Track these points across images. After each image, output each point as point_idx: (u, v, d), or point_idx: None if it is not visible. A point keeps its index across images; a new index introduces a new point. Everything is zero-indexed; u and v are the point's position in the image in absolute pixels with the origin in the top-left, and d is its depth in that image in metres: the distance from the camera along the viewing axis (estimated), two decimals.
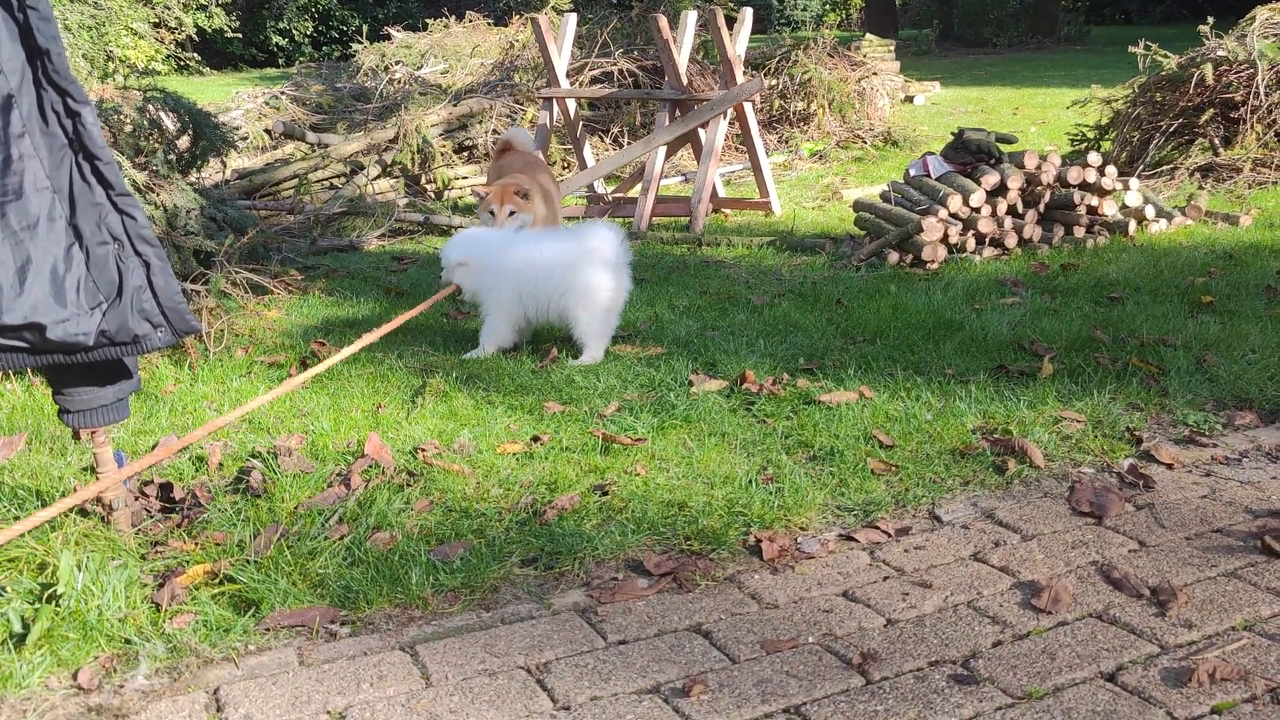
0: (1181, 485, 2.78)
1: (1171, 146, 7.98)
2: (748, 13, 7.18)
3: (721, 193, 7.56)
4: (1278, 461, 2.93)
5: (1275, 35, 7.84)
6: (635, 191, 7.79)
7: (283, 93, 10.39)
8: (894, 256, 5.50)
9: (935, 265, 5.43)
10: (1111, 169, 5.98)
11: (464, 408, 3.53)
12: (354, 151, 8.38)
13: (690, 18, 7.17)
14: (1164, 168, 7.78)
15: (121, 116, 5.75)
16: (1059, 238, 5.80)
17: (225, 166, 7.31)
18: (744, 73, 7.41)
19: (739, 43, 7.07)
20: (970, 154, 5.80)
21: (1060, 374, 3.56)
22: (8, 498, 2.83)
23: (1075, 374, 3.56)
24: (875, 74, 10.56)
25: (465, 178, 8.87)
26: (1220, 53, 7.87)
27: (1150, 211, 6.06)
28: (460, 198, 8.75)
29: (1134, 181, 6.07)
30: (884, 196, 6.02)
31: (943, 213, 5.54)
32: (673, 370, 3.84)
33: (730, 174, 9.15)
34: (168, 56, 27.55)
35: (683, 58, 7.05)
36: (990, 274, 5.27)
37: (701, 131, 7.04)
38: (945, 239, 5.53)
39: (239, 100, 18.79)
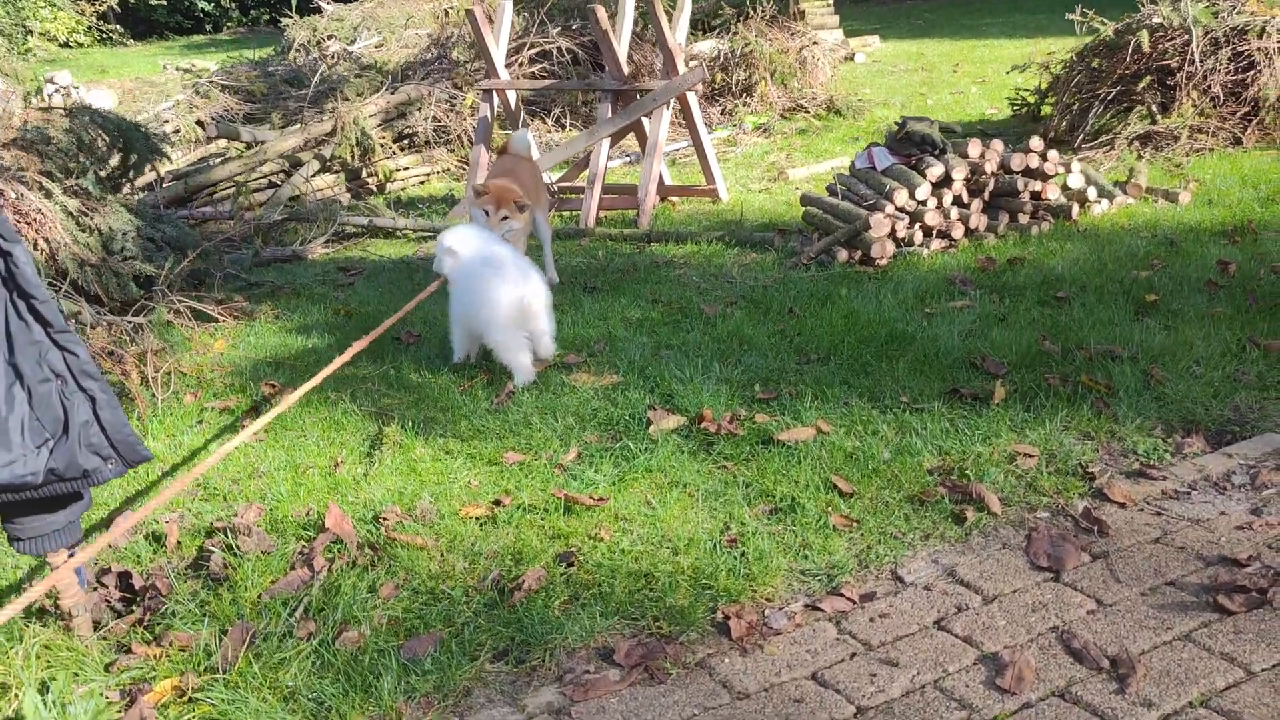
0: (1134, 527, 2.83)
1: (1110, 114, 8.04)
2: (685, 0, 7.10)
3: (667, 178, 7.51)
4: (1224, 493, 3.00)
5: (1209, 1, 7.89)
6: (581, 179, 7.72)
7: (212, 81, 10.12)
8: (843, 254, 5.52)
9: (884, 262, 5.46)
10: (1054, 154, 6.03)
11: (423, 460, 3.51)
12: (291, 147, 8.21)
13: (628, 5, 7.06)
14: (1104, 137, 7.84)
15: (49, 142, 5.57)
16: (1004, 226, 5.84)
17: (158, 171, 7.12)
18: (685, 60, 7.34)
19: (679, 30, 6.98)
20: (915, 145, 5.81)
21: (1012, 398, 3.61)
22: None
23: (1026, 397, 3.61)
24: (815, 43, 10.50)
25: (407, 168, 8.74)
26: (1155, 19, 7.92)
27: (1092, 193, 6.12)
28: (403, 190, 8.63)
29: (1075, 164, 6.11)
30: (830, 190, 6.02)
31: (889, 208, 5.56)
32: (629, 404, 3.83)
33: (674, 152, 9.09)
34: (89, 28, 26.79)
35: (622, 47, 6.96)
36: (939, 270, 5.30)
37: (645, 121, 6.98)
38: (893, 234, 5.56)
39: (169, 80, 18.34)
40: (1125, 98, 7.99)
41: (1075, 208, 5.98)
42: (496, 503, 3.13)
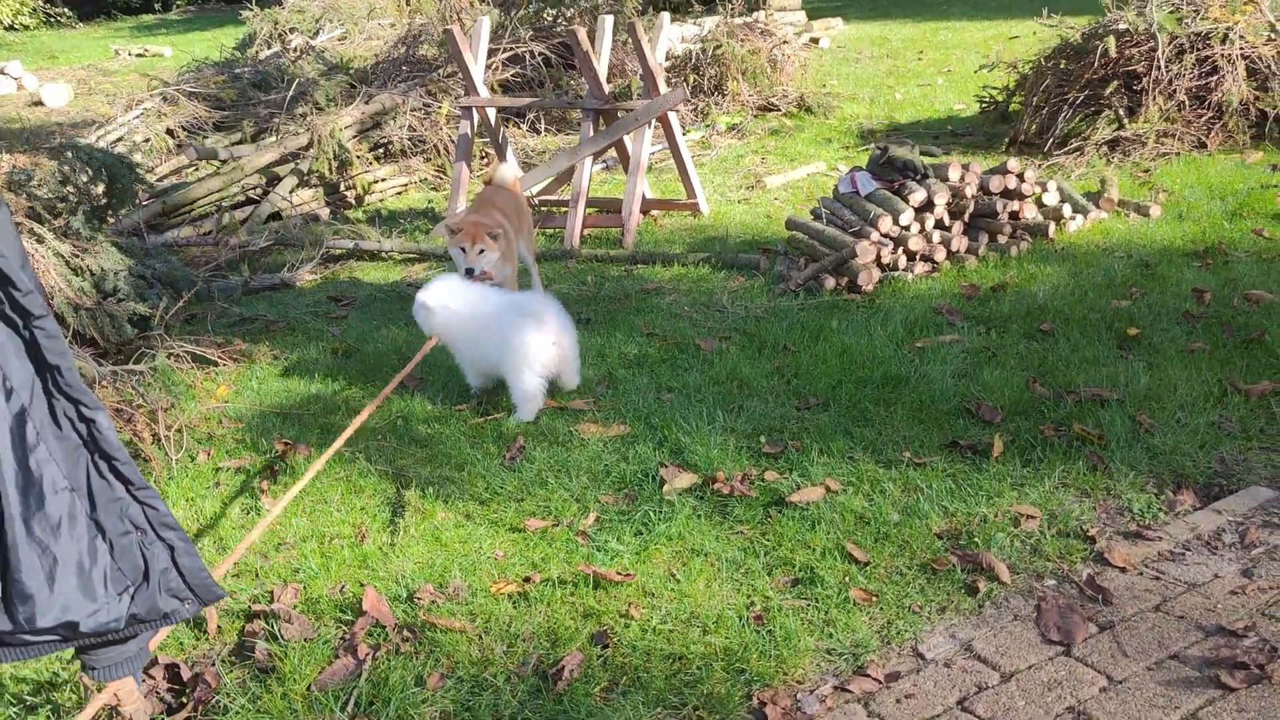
0: (1135, 593, 3.01)
1: (1079, 118, 8.22)
2: (664, 19, 7.16)
3: (648, 192, 7.59)
4: (1216, 552, 3.19)
5: (1173, 7, 8.06)
6: (563, 193, 7.79)
7: (179, 89, 10.03)
8: (830, 282, 5.65)
9: (870, 288, 5.60)
10: (1031, 174, 6.19)
11: (446, 526, 3.61)
12: (268, 162, 8.20)
13: (607, 23, 7.11)
14: (1074, 142, 8.02)
15: (36, 184, 5.57)
16: (984, 247, 6.00)
17: (136, 195, 7.09)
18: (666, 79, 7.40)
19: (659, 50, 7.05)
20: (897, 170, 5.94)
21: (1010, 450, 3.77)
22: (10, 700, 2.86)
23: (1024, 450, 3.77)
24: (786, 42, 10.58)
25: (384, 179, 8.76)
26: (1122, 25, 8.09)
27: (1067, 209, 6.30)
28: (382, 202, 8.64)
29: (1051, 184, 6.28)
30: (815, 214, 6.15)
31: (875, 235, 5.69)
32: (640, 459, 3.96)
33: (650, 156, 9.15)
34: (34, 10, 26.23)
35: (602, 66, 7.01)
36: (924, 297, 5.46)
37: (627, 140, 7.06)
38: (878, 259, 5.70)
39: (124, 67, 18.03)
40: (1093, 102, 8.18)
41: (1052, 226, 6.15)
42: (526, 579, 3.25)
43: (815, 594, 3.09)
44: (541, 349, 4.34)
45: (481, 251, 5.06)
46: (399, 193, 8.81)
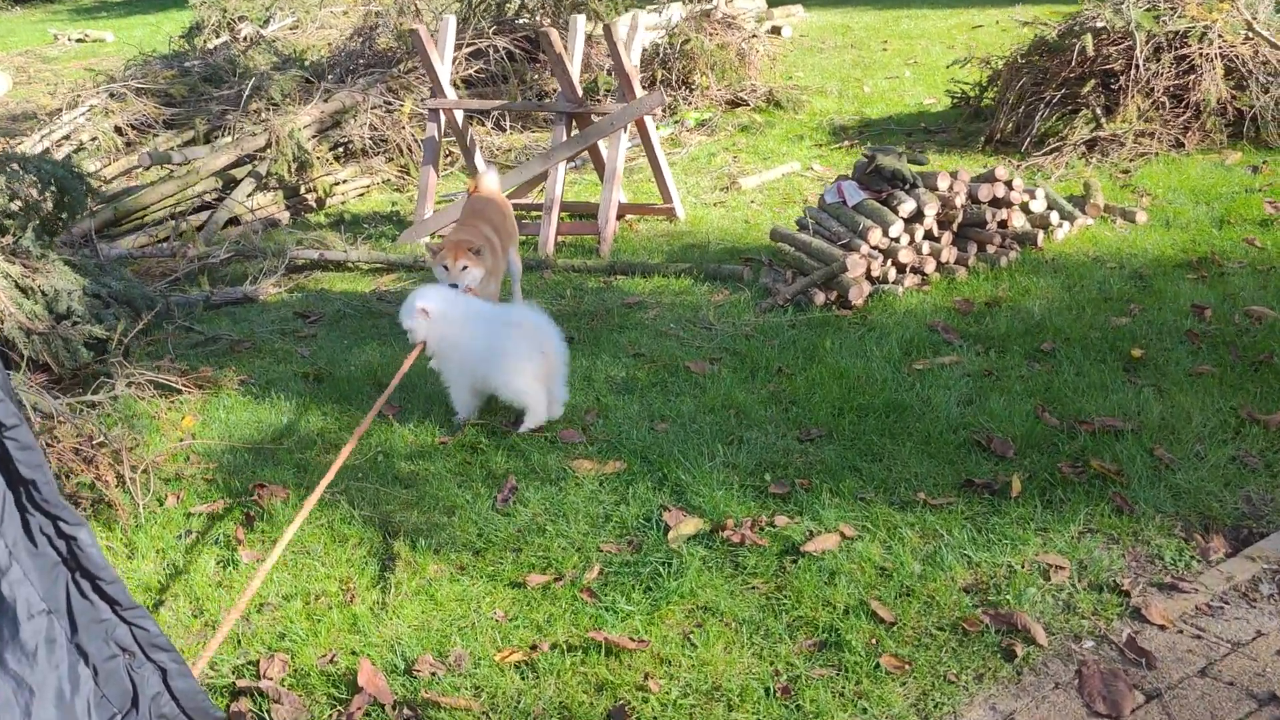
0: (1178, 655, 2.87)
1: (1056, 117, 8.11)
2: (638, 18, 6.92)
3: (622, 196, 7.36)
4: (1254, 605, 3.06)
5: (1150, 4, 7.96)
6: (534, 197, 7.54)
7: (126, 85, 9.61)
8: (820, 297, 5.48)
9: (860, 303, 5.43)
10: (1019, 182, 6.05)
11: (439, 582, 3.40)
12: (224, 165, 7.87)
13: (579, 24, 6.86)
14: (1051, 142, 7.91)
15: None
16: (974, 258, 5.85)
17: (88, 206, 6.75)
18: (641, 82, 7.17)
19: (633, 52, 6.81)
20: (885, 180, 5.77)
21: (1029, 490, 3.61)
22: None
23: (1043, 490, 3.62)
24: (755, 35, 10.37)
25: (345, 181, 8.45)
26: (1099, 23, 7.98)
27: (1054, 217, 6.17)
28: (344, 205, 8.34)
29: (1039, 191, 6.15)
30: (801, 224, 5.97)
31: (865, 247, 5.52)
32: (640, 501, 3.76)
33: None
34: None
35: (575, 67, 6.77)
36: (916, 313, 5.30)
37: (601, 144, 6.82)
38: (868, 272, 5.53)
39: (64, 54, 17.45)
40: (1070, 100, 8.07)
41: (1040, 234, 6.02)
42: (533, 646, 3.04)
43: (843, 661, 2.91)
44: (531, 357, 4.27)
45: (464, 269, 4.92)
46: (361, 195, 8.51)
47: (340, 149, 8.66)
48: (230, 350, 5.51)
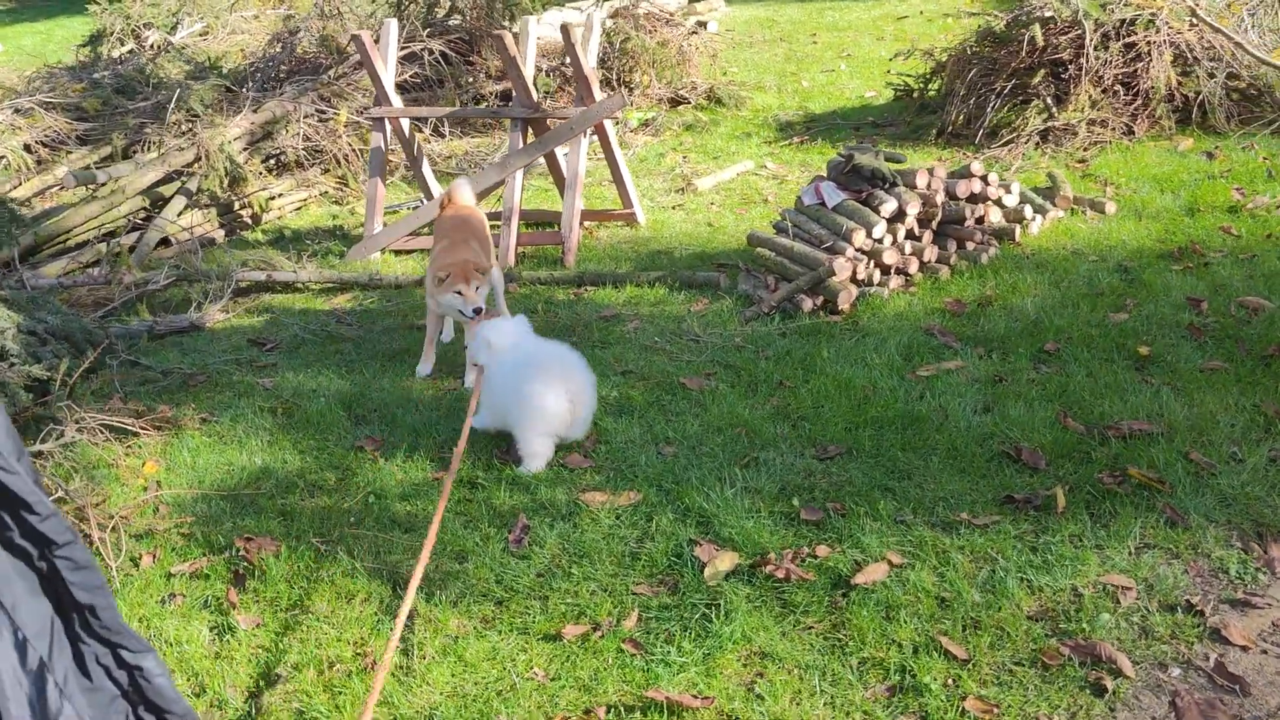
0: (1269, 679, 2.74)
1: (1007, 108, 8.07)
2: (594, 18, 6.66)
3: (579, 202, 7.11)
4: None
5: None
6: (489, 206, 7.24)
7: (34, 100, 9.03)
8: (808, 303, 5.30)
9: (848, 308, 5.27)
10: (994, 177, 5.94)
11: (466, 639, 3.12)
12: (151, 182, 7.41)
13: (530, 25, 6.58)
14: (1004, 133, 7.86)
15: None
16: (955, 256, 5.73)
17: (13, 236, 6.28)
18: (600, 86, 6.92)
19: (590, 54, 6.56)
20: (864, 180, 5.62)
21: (1074, 504, 3.47)
22: None
23: (1088, 503, 3.48)
24: (694, 33, 10.17)
25: (281, 195, 8.03)
26: (1047, 12, 7.95)
27: (1028, 211, 6.08)
28: (281, 220, 7.93)
29: (1015, 186, 6.05)
30: (779, 228, 5.78)
31: (850, 250, 5.36)
32: (665, 536, 3.53)
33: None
34: None
35: (529, 70, 6.49)
36: (907, 315, 5.16)
37: (558, 150, 6.56)
38: (853, 275, 5.37)
39: None
40: (1021, 90, 8.03)
41: (1017, 229, 5.93)
42: (587, 711, 2.79)
43: (924, 706, 2.72)
44: (556, 414, 4.02)
45: (477, 288, 4.69)
46: (298, 208, 8.11)
47: (273, 161, 8.24)
48: (185, 385, 5.13)
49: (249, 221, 7.69)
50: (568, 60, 9.49)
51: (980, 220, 5.88)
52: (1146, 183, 6.75)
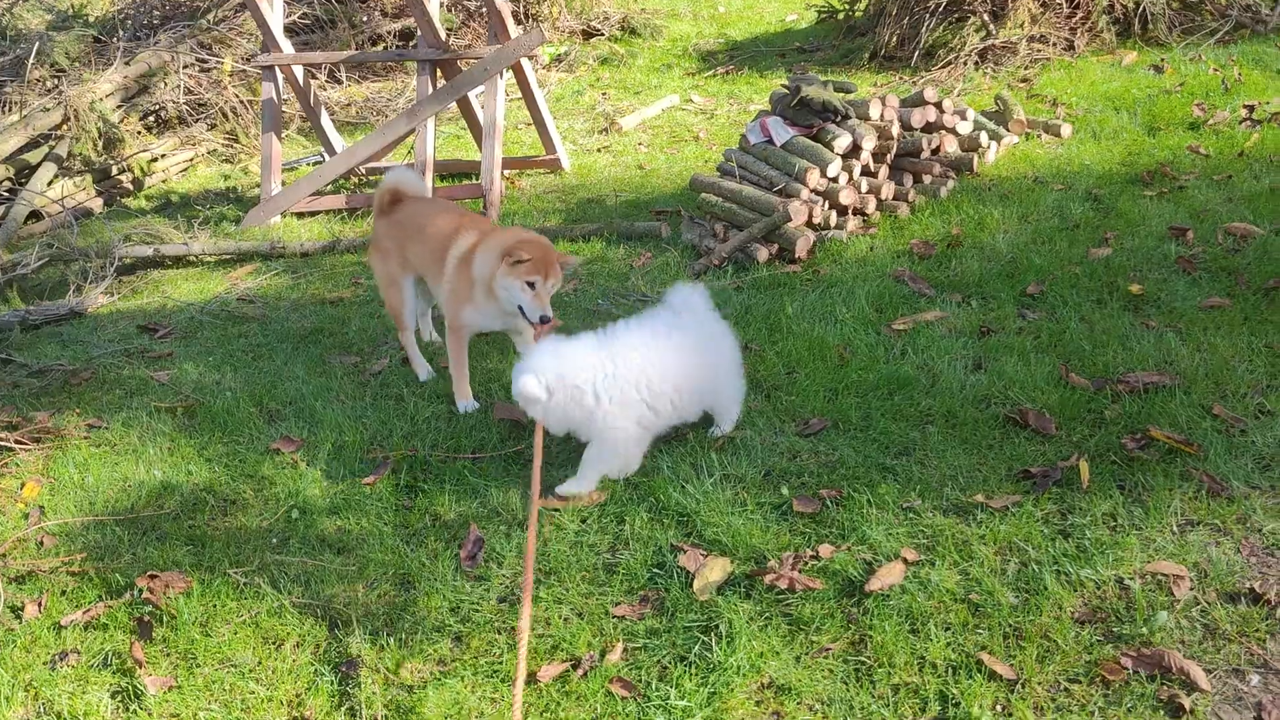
0: None
1: (943, 27, 7.64)
2: None
3: (499, 151, 6.52)
4: None
5: None
6: (394, 160, 6.62)
7: None
8: (763, 253, 4.84)
9: (806, 255, 4.83)
10: (949, 103, 5.52)
11: (423, 692, 2.64)
12: (14, 149, 6.62)
13: None
14: (941, 54, 7.44)
15: None
16: (912, 191, 5.31)
17: None
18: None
19: None
20: (814, 113, 5.14)
21: (1100, 477, 3.08)
22: None
23: (1115, 473, 3.10)
24: None
25: (164, 156, 7.28)
26: None
27: (984, 138, 5.68)
28: (166, 184, 7.19)
29: (970, 112, 5.64)
30: (723, 170, 5.29)
31: (804, 192, 4.91)
32: (642, 542, 3.07)
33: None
34: None
35: (434, 8, 5.85)
36: (871, 261, 4.74)
37: (472, 95, 5.96)
38: (809, 219, 4.92)
39: None
40: (956, 8, 7.60)
41: (974, 158, 5.54)
42: None
43: None
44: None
45: (552, 288, 3.69)
46: (184, 170, 7.37)
47: (152, 118, 7.47)
48: (66, 385, 4.49)
49: (130, 188, 6.95)
50: None
51: (936, 151, 5.47)
52: (1098, 101, 6.40)
